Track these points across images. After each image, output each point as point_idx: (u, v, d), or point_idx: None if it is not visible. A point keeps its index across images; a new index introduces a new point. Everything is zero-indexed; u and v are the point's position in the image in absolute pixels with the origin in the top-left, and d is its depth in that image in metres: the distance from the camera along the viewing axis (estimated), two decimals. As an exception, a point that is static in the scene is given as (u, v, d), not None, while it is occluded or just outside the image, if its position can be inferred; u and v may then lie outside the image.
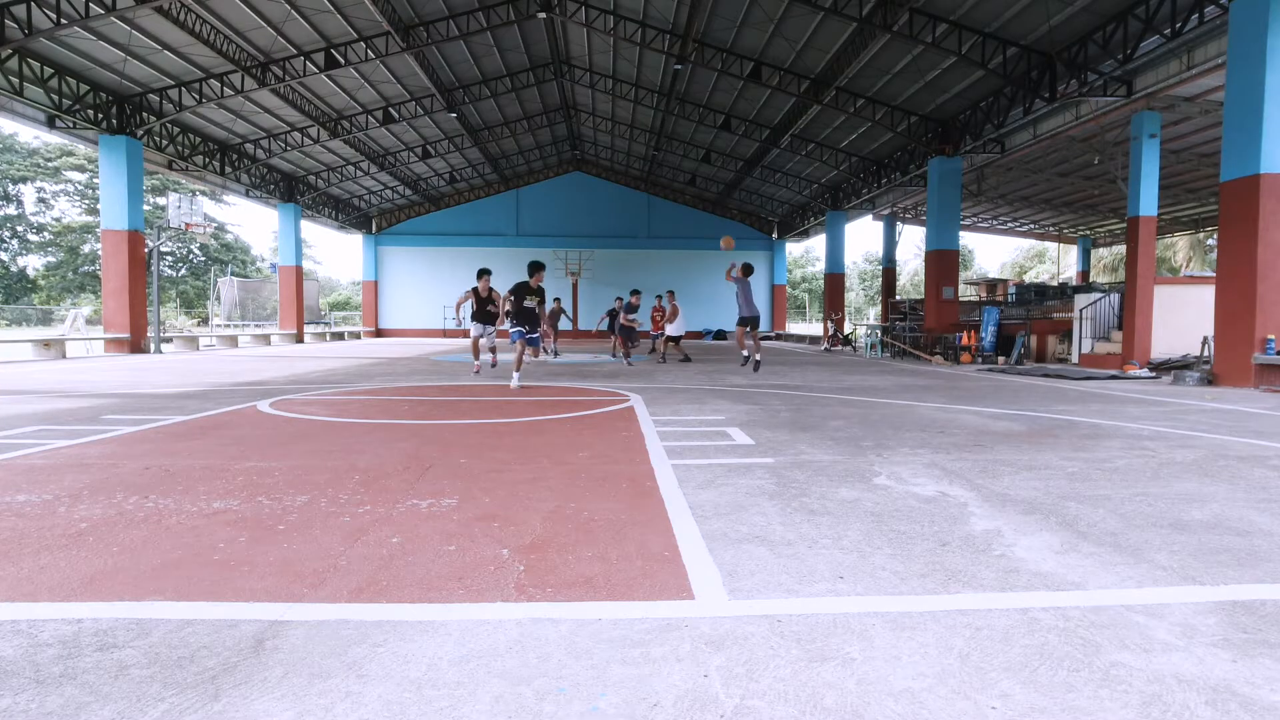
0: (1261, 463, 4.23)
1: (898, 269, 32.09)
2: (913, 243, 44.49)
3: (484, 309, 9.95)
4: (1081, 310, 14.75)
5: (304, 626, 1.92)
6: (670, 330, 14.57)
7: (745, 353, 11.45)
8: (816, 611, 2.04)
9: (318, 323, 34.25)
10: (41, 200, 41.79)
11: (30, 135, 39.05)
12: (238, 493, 3.39)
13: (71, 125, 16.22)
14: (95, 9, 12.86)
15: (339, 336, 31.51)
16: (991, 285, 26.32)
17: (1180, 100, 13.60)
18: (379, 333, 33.69)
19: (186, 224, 18.81)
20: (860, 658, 1.75)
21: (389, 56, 17.30)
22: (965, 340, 15.88)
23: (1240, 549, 2.61)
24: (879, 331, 20.59)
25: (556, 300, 16.97)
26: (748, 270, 10.47)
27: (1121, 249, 30.40)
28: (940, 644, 1.83)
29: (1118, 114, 13.90)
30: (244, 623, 1.94)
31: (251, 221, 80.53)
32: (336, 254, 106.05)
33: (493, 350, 11.09)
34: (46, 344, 15.52)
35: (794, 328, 44.35)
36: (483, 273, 9.99)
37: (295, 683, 1.62)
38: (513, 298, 8.68)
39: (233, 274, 40.37)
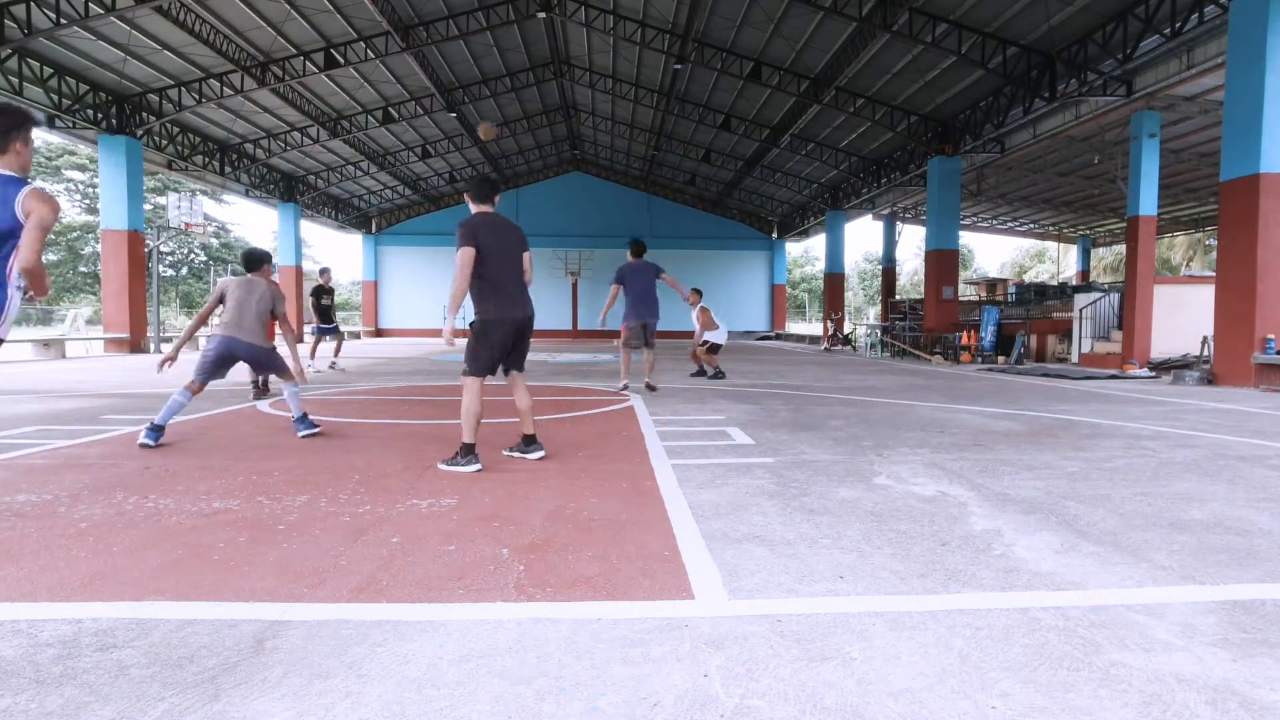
0: (1261, 462, 4.23)
1: (898, 269, 32.07)
2: (913, 243, 44.50)
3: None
4: (1081, 310, 14.75)
5: (304, 626, 1.92)
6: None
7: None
8: (816, 611, 2.04)
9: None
10: (42, 200, 41.67)
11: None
12: (238, 493, 3.39)
13: (71, 125, 16.20)
14: (95, 9, 12.85)
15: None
16: (991, 285, 26.32)
17: (1180, 100, 13.59)
18: (379, 333, 33.68)
19: (186, 224, 18.83)
20: (860, 657, 1.75)
21: (389, 56, 17.29)
22: (965, 340, 15.88)
23: (1240, 549, 2.61)
24: (879, 331, 20.59)
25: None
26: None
27: (1121, 249, 30.39)
28: (940, 644, 1.83)
29: (1118, 114, 13.89)
30: (244, 623, 1.94)
31: (251, 221, 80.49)
32: (336, 254, 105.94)
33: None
34: (46, 344, 15.51)
35: (794, 328, 44.35)
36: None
37: (295, 683, 1.62)
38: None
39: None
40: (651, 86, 21.37)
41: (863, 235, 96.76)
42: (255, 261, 5.09)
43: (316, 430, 5.10)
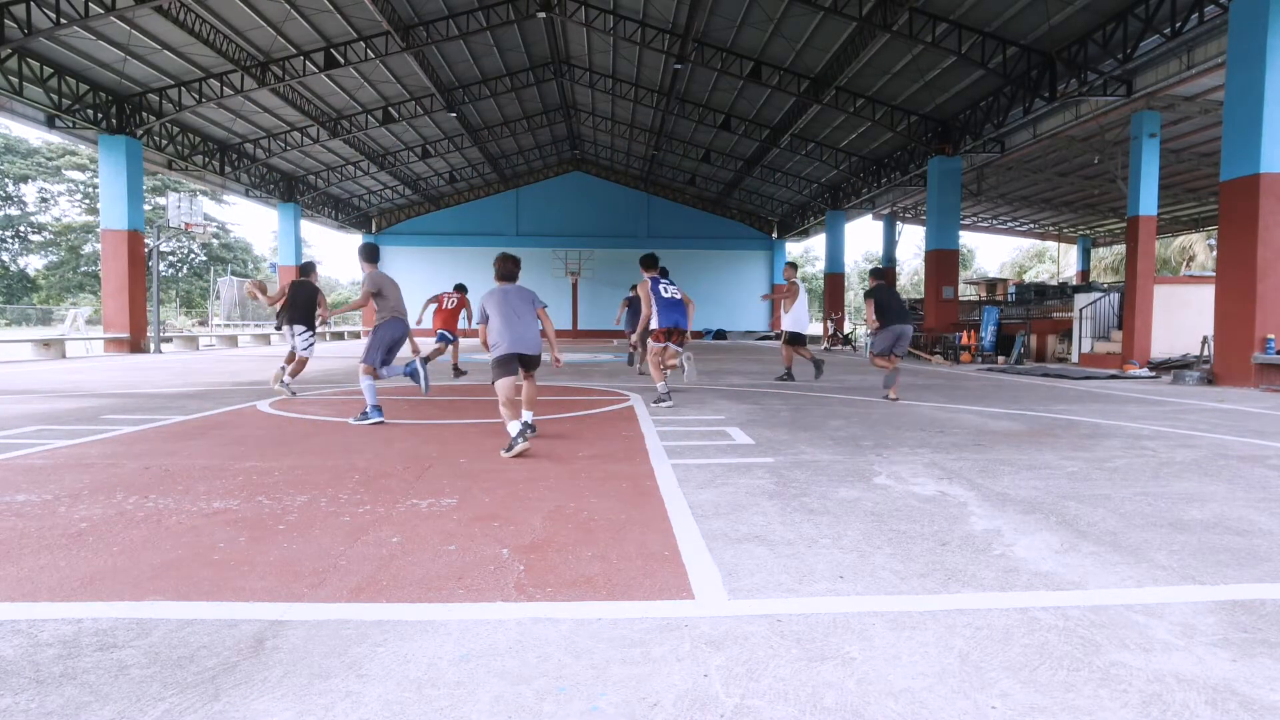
0: (1261, 462, 4.23)
1: (898, 269, 32.07)
2: (913, 243, 44.50)
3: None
4: (1081, 310, 14.75)
5: (304, 626, 1.92)
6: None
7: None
8: (816, 611, 2.04)
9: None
10: (43, 200, 41.79)
11: (31, 135, 39.05)
12: (238, 493, 3.39)
13: (71, 125, 16.20)
14: (95, 9, 12.84)
15: (339, 336, 31.53)
16: (991, 285, 26.32)
17: (1180, 100, 13.59)
18: (379, 332, 33.63)
19: (186, 224, 18.81)
20: (860, 657, 1.76)
21: (389, 56, 17.28)
22: (965, 340, 15.88)
23: (1240, 549, 2.61)
24: (879, 331, 20.55)
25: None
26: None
27: (1121, 249, 30.38)
28: (940, 643, 1.83)
29: (1118, 113, 13.89)
30: (244, 623, 1.94)
31: (252, 221, 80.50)
32: (336, 254, 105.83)
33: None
34: (46, 344, 15.51)
35: (794, 327, 44.25)
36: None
37: (295, 682, 1.62)
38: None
39: (233, 274, 40.36)
40: (651, 86, 21.37)
41: (863, 235, 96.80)
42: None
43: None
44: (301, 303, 7.70)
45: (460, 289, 11.12)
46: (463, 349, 20.46)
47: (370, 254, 6.16)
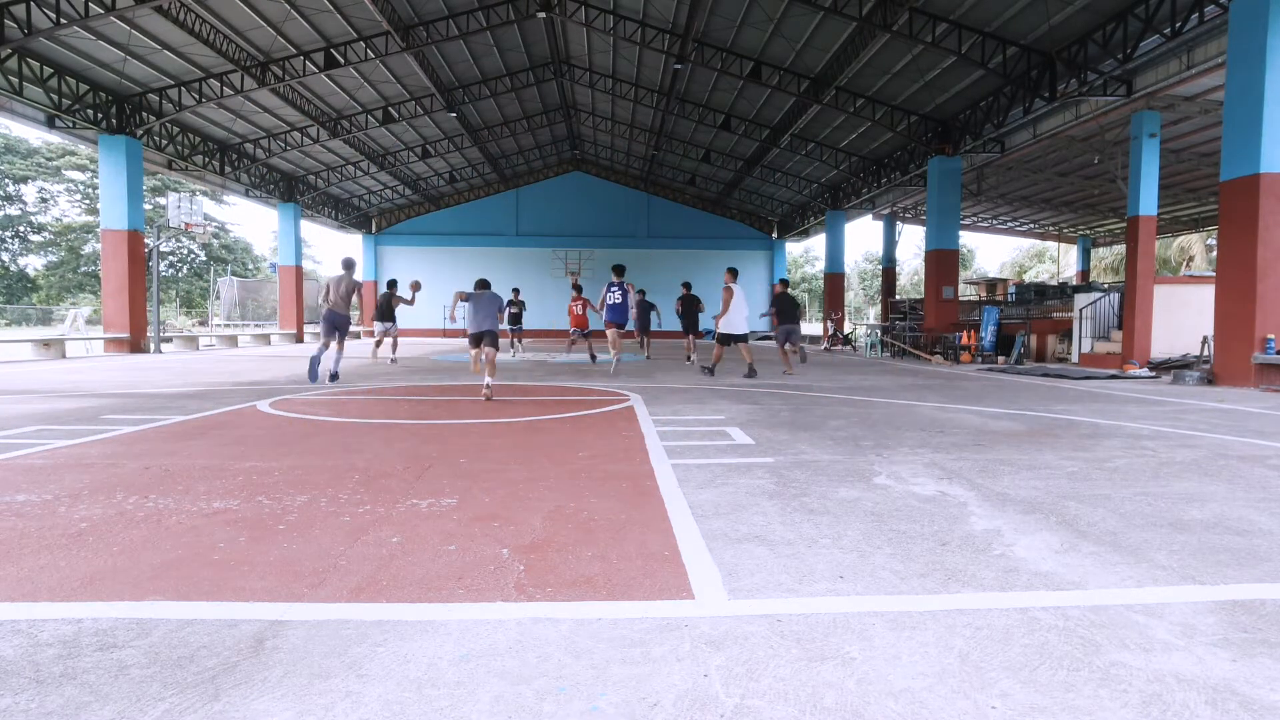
0: (1261, 462, 4.23)
1: (898, 269, 32.06)
2: (913, 243, 44.53)
3: None
4: (1081, 310, 14.75)
5: (304, 626, 1.92)
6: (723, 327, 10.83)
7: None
8: (816, 611, 2.04)
9: (317, 322, 34.21)
10: (43, 200, 41.79)
11: (31, 135, 39.04)
12: (238, 493, 3.39)
13: (71, 125, 16.20)
14: (95, 9, 12.84)
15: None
16: (991, 285, 26.32)
17: (1180, 100, 13.59)
18: (379, 332, 33.61)
19: (186, 224, 18.81)
20: (860, 657, 1.76)
21: (389, 56, 17.29)
22: (965, 340, 15.88)
23: (1240, 549, 2.61)
24: (879, 331, 20.59)
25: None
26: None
27: (1121, 249, 30.38)
28: (940, 643, 1.83)
29: (1118, 113, 13.89)
30: (244, 623, 1.94)
31: (252, 221, 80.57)
32: (336, 254, 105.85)
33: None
34: (46, 344, 15.51)
35: (794, 327, 44.26)
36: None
37: (295, 682, 1.62)
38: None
39: (233, 274, 40.36)
40: (651, 86, 21.37)
41: (863, 235, 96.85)
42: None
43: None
44: (385, 306, 13.34)
45: (577, 288, 13.92)
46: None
47: (344, 264, 8.95)
